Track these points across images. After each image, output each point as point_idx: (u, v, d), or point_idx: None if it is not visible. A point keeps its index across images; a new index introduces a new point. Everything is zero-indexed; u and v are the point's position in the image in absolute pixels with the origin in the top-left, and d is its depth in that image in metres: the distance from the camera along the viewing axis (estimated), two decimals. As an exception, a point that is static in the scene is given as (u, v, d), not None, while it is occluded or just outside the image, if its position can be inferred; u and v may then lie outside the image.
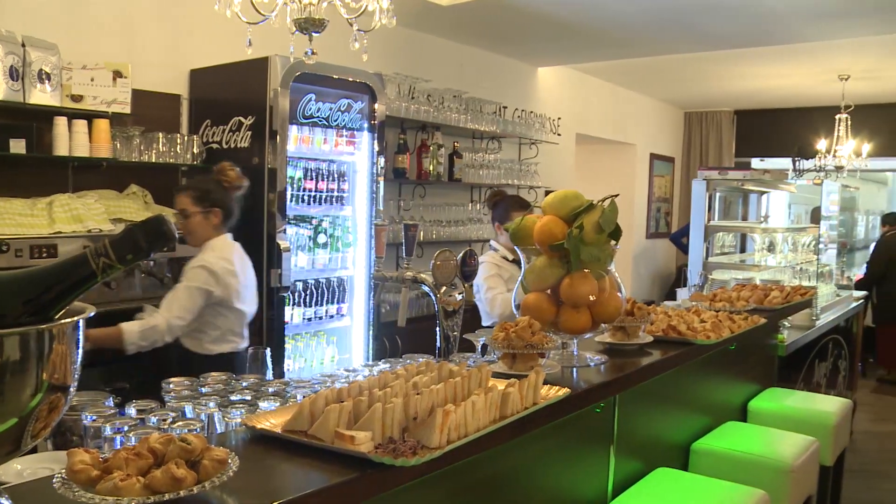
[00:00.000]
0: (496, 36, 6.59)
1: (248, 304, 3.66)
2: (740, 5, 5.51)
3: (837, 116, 8.50)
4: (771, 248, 5.62)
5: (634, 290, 9.57)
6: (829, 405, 3.81)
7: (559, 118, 7.58)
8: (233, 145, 4.44)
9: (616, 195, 2.27)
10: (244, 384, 2.09)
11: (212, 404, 1.85)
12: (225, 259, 3.51)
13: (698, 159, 10.56)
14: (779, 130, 10.24)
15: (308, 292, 4.72)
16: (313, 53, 2.82)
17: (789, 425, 3.59)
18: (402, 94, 5.70)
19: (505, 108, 6.84)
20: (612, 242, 2.30)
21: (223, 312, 3.52)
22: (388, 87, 5.44)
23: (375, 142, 4.89)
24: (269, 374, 2.34)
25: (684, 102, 10.50)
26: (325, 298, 4.82)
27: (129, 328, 3.31)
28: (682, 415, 3.19)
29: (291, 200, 4.48)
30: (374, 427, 1.59)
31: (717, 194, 5.81)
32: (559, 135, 7.53)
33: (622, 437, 2.61)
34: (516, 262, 4.44)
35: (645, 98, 9.87)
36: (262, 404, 1.88)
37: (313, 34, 2.80)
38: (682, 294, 4.90)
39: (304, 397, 1.76)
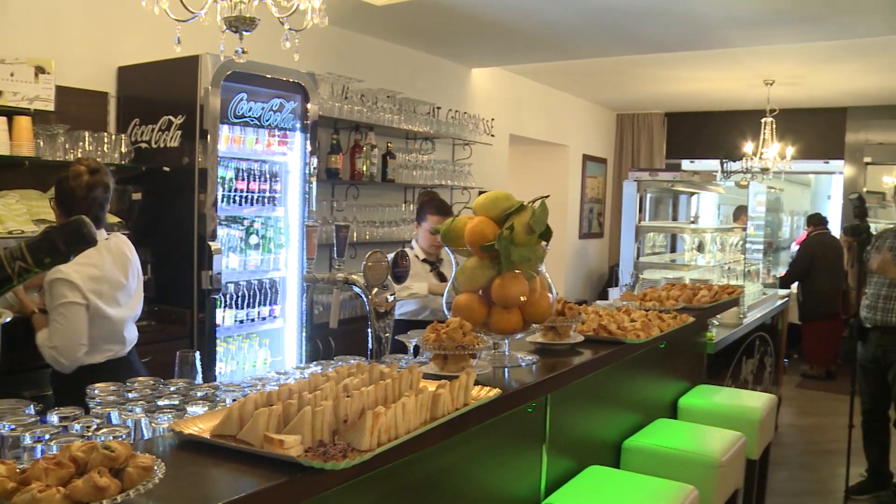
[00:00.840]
0: (430, 37, 6.60)
1: (125, 308, 3.31)
2: (670, 11, 5.60)
3: (763, 120, 8.71)
4: (700, 247, 5.73)
5: (568, 289, 9.68)
6: (756, 401, 3.90)
7: (493, 119, 7.61)
8: (162, 145, 4.36)
9: (546, 196, 2.28)
10: (172, 389, 2.05)
11: (138, 410, 1.81)
12: (83, 265, 3.13)
13: (630, 160, 10.71)
14: (708, 133, 10.46)
15: (240, 294, 4.66)
16: (244, 52, 2.78)
17: (717, 421, 3.66)
18: (336, 94, 5.66)
19: (439, 108, 6.85)
20: (543, 243, 2.32)
21: (93, 321, 3.17)
22: (322, 86, 5.40)
23: (308, 142, 4.86)
24: (199, 378, 2.30)
25: (616, 104, 10.65)
26: (258, 300, 4.77)
27: (41, 335, 3.14)
28: (614, 413, 3.23)
29: (223, 201, 4.42)
30: (303, 430, 1.58)
31: (648, 195, 5.90)
32: (493, 136, 7.56)
33: (554, 436, 2.63)
34: (427, 261, 4.51)
35: (578, 100, 9.98)
36: (191, 409, 1.85)
37: (244, 33, 2.76)
38: (614, 294, 4.97)
39: (233, 401, 1.73)
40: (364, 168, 5.98)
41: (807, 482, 5.77)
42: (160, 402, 1.89)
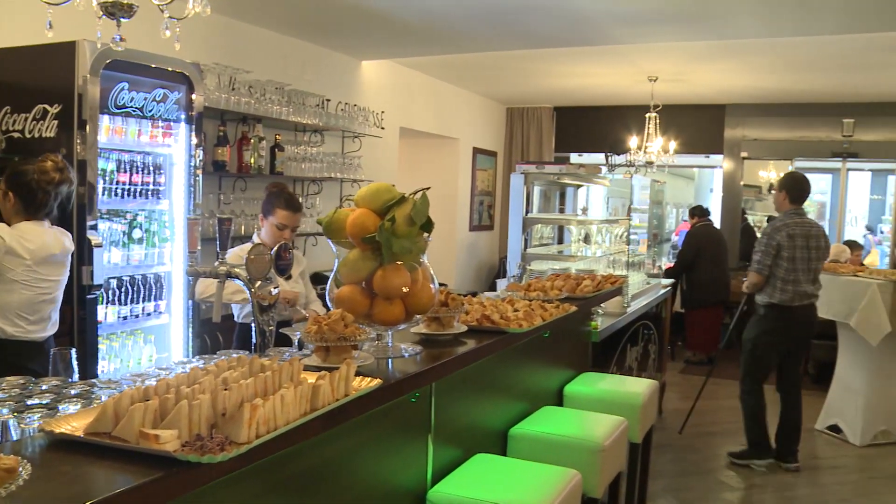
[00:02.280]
0: (320, 28, 6.54)
1: (40, 291, 3.64)
2: (556, 6, 5.70)
3: (647, 115, 8.98)
4: (587, 239, 5.87)
5: (458, 282, 9.76)
6: (638, 387, 4.03)
7: (383, 112, 7.61)
8: (37, 135, 4.18)
9: (427, 188, 2.31)
10: (44, 387, 1.99)
11: (5, 410, 1.75)
12: (22, 238, 3.53)
13: (520, 153, 10.86)
14: (596, 127, 10.71)
15: (123, 289, 4.52)
16: (122, 40, 2.70)
17: (601, 407, 3.78)
18: (222, 85, 5.56)
19: (328, 101, 6.81)
20: (425, 235, 2.35)
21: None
22: (208, 77, 5.29)
23: (193, 134, 4.74)
24: (76, 377, 2.24)
25: (506, 98, 10.78)
26: (142, 296, 4.64)
27: None
28: (500, 401, 3.29)
29: (104, 194, 4.27)
30: (180, 425, 1.56)
31: (536, 188, 6.01)
32: (383, 128, 7.57)
33: (440, 425, 2.67)
34: None
35: (468, 93, 10.07)
36: (63, 407, 1.80)
37: (121, 19, 2.68)
38: (503, 285, 5.04)
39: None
40: (252, 160, 5.89)
41: (689, 463, 5.99)
42: (30, 402, 1.83)
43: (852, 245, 9.12)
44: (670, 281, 7.66)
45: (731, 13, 5.80)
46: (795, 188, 5.86)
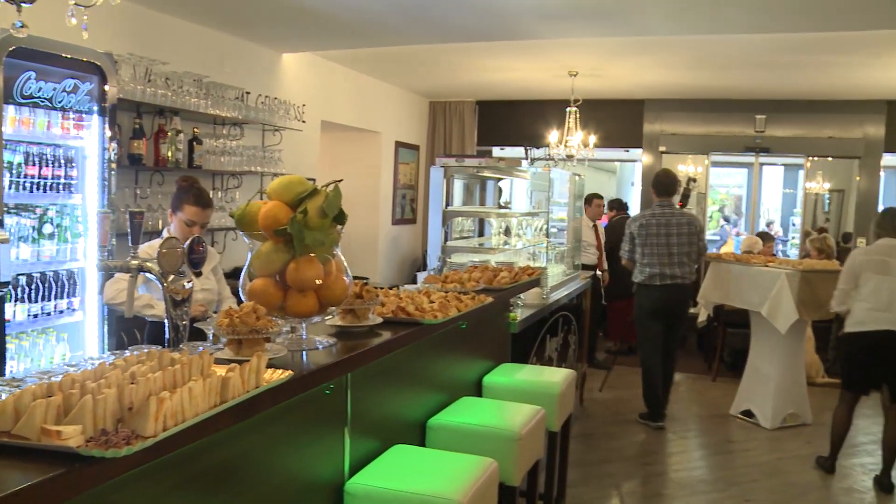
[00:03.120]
0: (239, 19, 6.45)
1: None
2: (477, 1, 5.73)
3: (568, 109, 9.09)
4: (507, 231, 5.92)
5: (382, 274, 9.76)
6: (555, 376, 4.10)
7: (304, 105, 7.56)
8: (-63, 126, 4.04)
9: (339, 180, 2.31)
10: (-59, 386, 1.93)
11: None
12: None
13: (442, 147, 10.89)
14: (517, 121, 10.81)
15: (34, 287, 4.40)
16: (23, 26, 2.62)
17: (519, 397, 3.83)
18: (138, 76, 5.44)
19: (248, 93, 6.73)
20: (338, 227, 2.35)
21: None
22: (122, 68, 5.18)
23: (107, 126, 4.63)
24: (-21, 375, 2.18)
25: (429, 92, 10.80)
26: (54, 293, 4.52)
27: None
28: (418, 393, 3.31)
29: (11, 188, 4.15)
30: (84, 420, 1.53)
31: (457, 181, 6.04)
32: (304, 122, 7.50)
33: (357, 417, 2.67)
34: None
35: (390, 87, 10.05)
36: (-39, 406, 1.75)
37: (22, 4, 2.61)
38: (423, 278, 5.06)
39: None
40: (169, 154, 5.79)
41: (608, 450, 6.12)
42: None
43: (764, 237, 9.40)
44: (590, 272, 7.80)
45: (645, 10, 5.93)
46: (660, 184, 6.85)
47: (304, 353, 2.37)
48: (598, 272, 8.97)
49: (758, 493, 5.37)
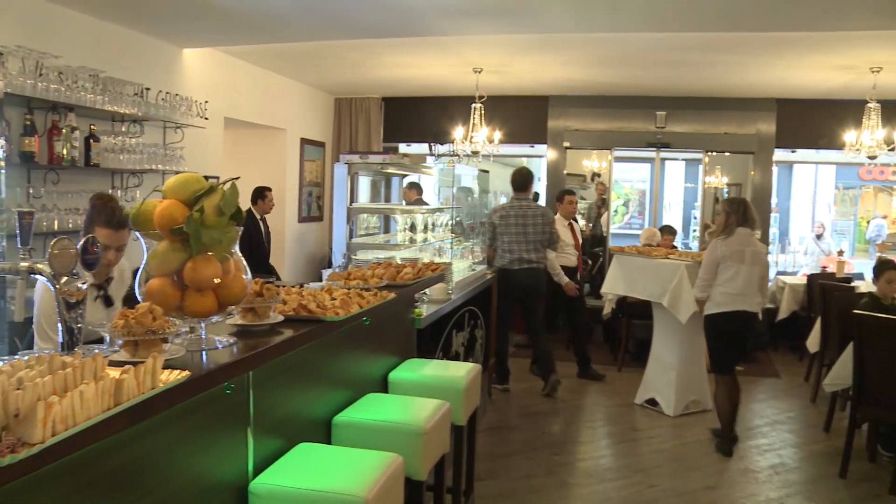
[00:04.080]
0: (136, 12, 6.28)
1: None
2: (378, -3, 5.75)
3: (473, 105, 9.17)
4: (413, 228, 5.94)
5: (289, 273, 9.67)
6: (460, 370, 4.13)
7: (206, 102, 7.42)
8: None
9: (237, 178, 2.29)
10: None
11: None
12: None
13: (348, 144, 10.84)
14: (423, 117, 10.83)
15: (-82, 291, 4.23)
16: None
17: (425, 392, 3.85)
18: (28, 69, 5.23)
19: (148, 89, 6.57)
20: (236, 225, 2.33)
21: None
22: (10, 61, 5.00)
23: (-6, 122, 4.48)
24: None
25: (334, 88, 10.74)
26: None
27: None
28: (323, 390, 3.30)
29: None
30: (-33, 429, 1.49)
31: (363, 178, 6.03)
32: (206, 118, 7.37)
33: (260, 416, 2.65)
34: (93, 284, 4.15)
35: (296, 83, 9.96)
36: None
37: None
38: (327, 275, 5.04)
39: None
40: (64, 152, 5.60)
41: (515, 442, 6.20)
42: None
43: (665, 230, 9.66)
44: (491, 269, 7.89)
45: (548, 8, 6.02)
46: (516, 181, 7.57)
47: (204, 352, 2.34)
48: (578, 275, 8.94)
49: (661, 478, 5.53)
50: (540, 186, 11.56)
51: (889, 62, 7.65)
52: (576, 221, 9.17)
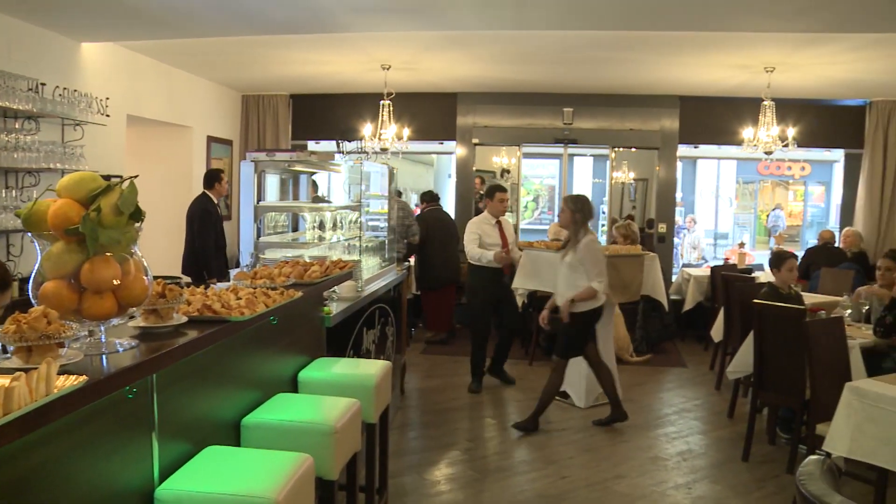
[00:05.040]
0: (29, 3, 6.00)
1: None
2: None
3: (381, 102, 9.15)
4: (322, 226, 5.88)
5: (197, 274, 9.47)
6: (371, 368, 4.11)
7: (108, 98, 7.20)
8: None
9: (135, 176, 2.22)
10: None
11: None
12: None
13: (256, 142, 10.68)
14: (331, 115, 10.73)
15: None
16: None
17: (335, 390, 3.83)
18: None
19: (43, 85, 6.33)
20: (136, 224, 2.26)
21: None
22: None
23: None
24: None
25: (241, 85, 10.55)
26: None
27: None
28: (231, 392, 3.24)
29: None
30: None
31: (271, 176, 5.93)
32: (108, 115, 7.15)
33: (165, 420, 2.59)
34: None
35: (201, 80, 9.74)
36: None
37: None
38: (234, 274, 4.96)
39: None
40: (-47, 150, 5.37)
41: (429, 438, 6.21)
42: None
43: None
44: (406, 264, 7.89)
45: (454, 5, 6.04)
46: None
47: (104, 356, 2.27)
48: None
49: (573, 469, 5.62)
50: (450, 183, 11.60)
51: (782, 62, 7.96)
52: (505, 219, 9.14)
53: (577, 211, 6.31)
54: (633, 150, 11.33)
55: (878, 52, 7.43)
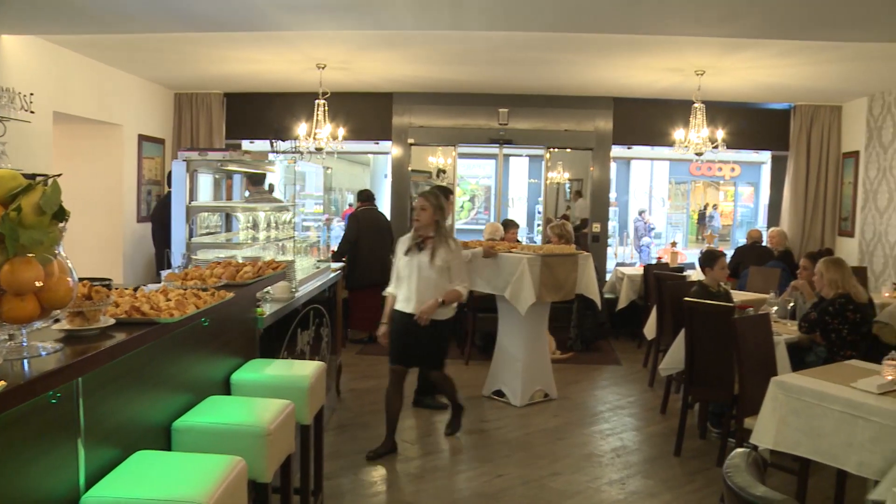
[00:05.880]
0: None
1: None
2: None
3: (317, 102, 9.08)
4: (255, 226, 5.81)
5: (127, 275, 9.28)
6: (305, 369, 4.08)
7: (32, 94, 7.00)
8: None
9: (59, 175, 2.16)
10: None
11: None
12: None
13: (189, 141, 10.50)
14: (266, 114, 10.61)
15: None
16: None
17: (268, 392, 3.78)
18: None
19: (-40, 79, 6.14)
20: (60, 224, 2.20)
21: None
22: None
23: None
24: None
25: (174, 83, 10.37)
26: None
27: None
28: (161, 395, 3.18)
29: None
30: None
31: (204, 175, 5.85)
32: (32, 112, 6.95)
33: (92, 425, 2.53)
34: None
35: (132, 77, 9.54)
36: None
37: None
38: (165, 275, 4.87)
39: None
40: None
41: (365, 440, 6.17)
42: None
43: (507, 224, 9.87)
44: (340, 264, 7.85)
45: (389, 5, 6.03)
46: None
47: (25, 361, 2.20)
48: None
49: (509, 466, 5.66)
50: (386, 183, 11.57)
51: (711, 66, 8.13)
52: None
53: (440, 208, 5.83)
54: (568, 150, 11.46)
55: (801, 59, 7.66)
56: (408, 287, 5.82)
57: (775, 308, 6.57)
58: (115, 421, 2.74)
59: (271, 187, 7.92)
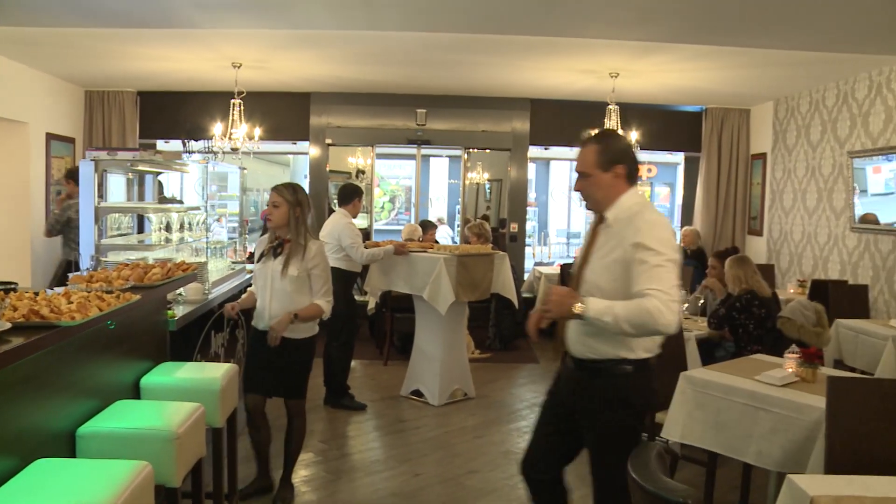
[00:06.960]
0: None
1: None
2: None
3: (232, 101, 8.96)
4: (168, 227, 5.71)
5: (35, 279, 8.97)
6: (217, 372, 4.04)
7: (-70, 91, 6.75)
8: None
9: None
10: None
11: None
12: None
13: (101, 140, 10.23)
14: (181, 113, 10.39)
15: None
16: None
17: (179, 395, 3.74)
18: None
19: None
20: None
21: None
22: None
23: None
24: None
25: (85, 80, 10.07)
26: None
27: None
28: (64, 400, 3.11)
29: None
30: None
31: (115, 176, 5.71)
32: (-69, 110, 6.71)
33: (-12, 434, 2.46)
34: None
35: (39, 73, 9.24)
36: None
37: None
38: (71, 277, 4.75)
39: None
40: None
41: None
42: None
43: (426, 225, 9.90)
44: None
45: (304, 4, 6.00)
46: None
47: (-87, 368, 2.13)
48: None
49: (427, 466, 5.68)
50: (305, 183, 11.48)
51: (624, 69, 8.31)
52: None
53: (297, 205, 4.73)
54: (487, 151, 11.55)
55: (710, 63, 7.89)
56: (261, 299, 4.82)
57: (686, 305, 6.74)
58: (12, 429, 2.67)
59: (172, 198, 7.76)
